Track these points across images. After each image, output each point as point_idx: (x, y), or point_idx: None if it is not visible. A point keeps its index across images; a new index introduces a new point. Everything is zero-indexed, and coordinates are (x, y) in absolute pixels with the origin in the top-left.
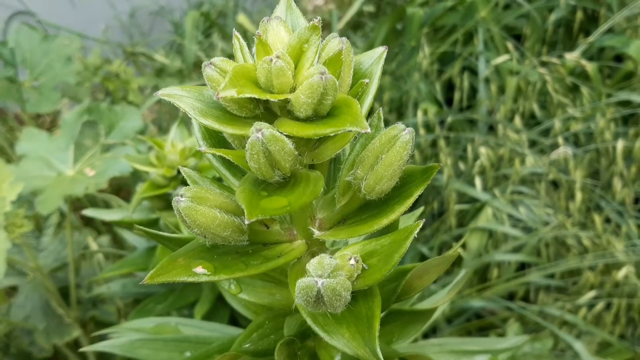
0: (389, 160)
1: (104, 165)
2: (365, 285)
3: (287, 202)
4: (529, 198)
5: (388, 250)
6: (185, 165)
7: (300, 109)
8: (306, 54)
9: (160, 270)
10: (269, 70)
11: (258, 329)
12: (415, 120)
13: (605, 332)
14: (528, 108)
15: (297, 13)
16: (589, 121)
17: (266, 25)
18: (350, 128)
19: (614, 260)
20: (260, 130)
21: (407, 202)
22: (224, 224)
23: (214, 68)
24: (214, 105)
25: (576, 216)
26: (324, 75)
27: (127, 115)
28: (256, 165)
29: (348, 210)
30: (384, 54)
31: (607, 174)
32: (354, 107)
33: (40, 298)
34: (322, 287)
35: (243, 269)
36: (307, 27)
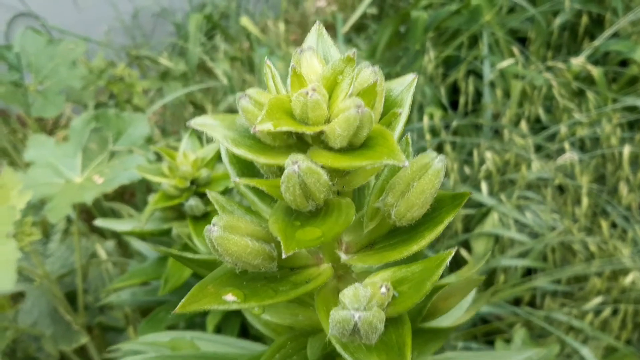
0: (421, 188)
1: (112, 173)
2: (395, 312)
3: (321, 232)
4: (535, 203)
5: (419, 277)
6: (198, 176)
7: (335, 141)
8: (340, 85)
9: (191, 298)
10: (305, 103)
11: (280, 350)
12: (421, 124)
13: (611, 338)
14: (534, 112)
15: (329, 42)
16: (594, 126)
17: (299, 57)
18: (388, 161)
19: (621, 266)
20: (296, 162)
21: (438, 228)
22: (255, 252)
23: (249, 100)
24: (246, 135)
25: (582, 221)
26: (360, 109)
27: (135, 122)
28: (291, 197)
29: (376, 234)
30: (414, 82)
31: (613, 179)
32: (389, 139)
33: (47, 304)
34: (359, 320)
35: (272, 295)
36: (342, 58)
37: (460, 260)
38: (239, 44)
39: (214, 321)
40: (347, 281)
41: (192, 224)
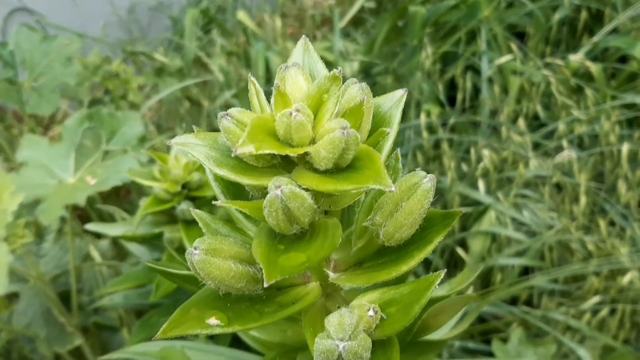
0: (410, 208)
1: (106, 173)
2: (383, 335)
3: (306, 257)
4: (532, 201)
5: (408, 300)
6: (190, 180)
7: (320, 163)
8: (326, 104)
9: (173, 323)
10: (289, 124)
11: None
12: (418, 122)
13: (609, 337)
14: (532, 109)
15: (315, 57)
16: (593, 123)
17: (284, 74)
18: (373, 186)
19: (619, 265)
20: (279, 187)
21: (427, 248)
22: (239, 275)
23: (230, 120)
24: (228, 154)
25: (580, 220)
26: (346, 130)
27: (129, 121)
28: (274, 222)
29: (364, 253)
30: (403, 97)
31: (612, 177)
32: (376, 161)
33: (41, 305)
34: (344, 350)
35: (257, 318)
36: (327, 77)
37: (458, 259)
38: (235, 39)
39: None
40: (335, 300)
41: (184, 229)
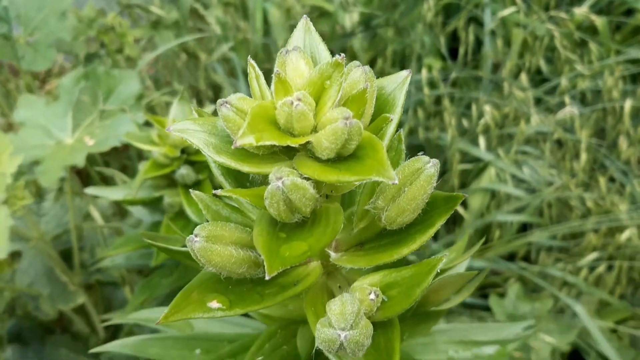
0: (412, 193)
1: (104, 134)
2: (384, 317)
3: (308, 246)
4: (533, 158)
5: (409, 283)
6: (189, 145)
7: (322, 152)
8: (328, 91)
9: (175, 308)
10: (290, 113)
11: (270, 339)
12: (419, 77)
13: (605, 293)
14: (534, 64)
15: (317, 38)
16: (596, 79)
17: (284, 58)
18: (376, 178)
19: (618, 223)
20: (280, 178)
21: (429, 231)
22: (240, 261)
23: (230, 108)
24: (228, 140)
25: (580, 176)
26: (348, 121)
27: (125, 80)
28: (276, 212)
29: (366, 234)
30: (407, 79)
31: (613, 133)
32: (379, 150)
33: (43, 264)
34: (345, 340)
35: (259, 300)
36: (330, 63)
37: (457, 216)
38: None
39: None
40: (336, 279)
41: (184, 193)
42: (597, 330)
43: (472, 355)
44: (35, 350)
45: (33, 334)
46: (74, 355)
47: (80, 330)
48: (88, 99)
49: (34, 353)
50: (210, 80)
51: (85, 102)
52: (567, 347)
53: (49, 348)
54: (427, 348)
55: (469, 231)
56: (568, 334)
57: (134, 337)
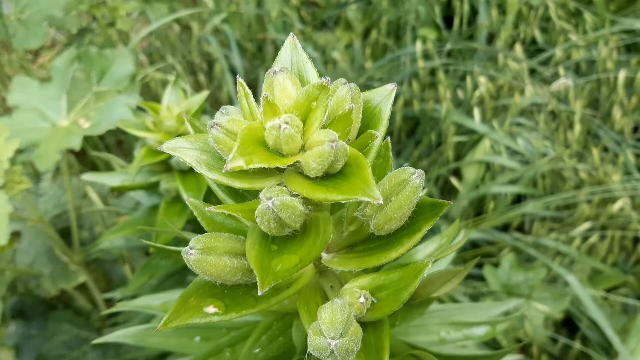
0: (399, 203)
1: (99, 116)
2: (374, 317)
3: (299, 259)
4: (527, 130)
5: (397, 286)
6: (184, 131)
7: (310, 171)
8: (315, 113)
9: (174, 315)
10: (278, 136)
11: (267, 331)
12: (414, 48)
13: (597, 261)
14: (529, 34)
15: (304, 56)
16: (591, 49)
17: (272, 79)
18: (362, 198)
19: (610, 194)
20: (270, 198)
21: (416, 236)
22: (234, 270)
23: (219, 129)
24: (219, 157)
25: (574, 147)
26: (334, 144)
27: (118, 60)
28: (267, 228)
29: (356, 238)
30: (393, 92)
31: (607, 104)
32: (364, 170)
33: (43, 244)
34: (335, 348)
35: (253, 304)
36: (315, 85)
37: (452, 189)
38: None
39: None
40: (328, 277)
41: (180, 178)
42: (588, 298)
43: (463, 336)
44: (38, 325)
45: (35, 310)
46: (76, 329)
47: (82, 306)
48: (81, 81)
49: (36, 328)
50: (203, 51)
51: (79, 83)
52: (560, 315)
53: (52, 323)
54: (419, 330)
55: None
56: (561, 302)
57: (135, 327)
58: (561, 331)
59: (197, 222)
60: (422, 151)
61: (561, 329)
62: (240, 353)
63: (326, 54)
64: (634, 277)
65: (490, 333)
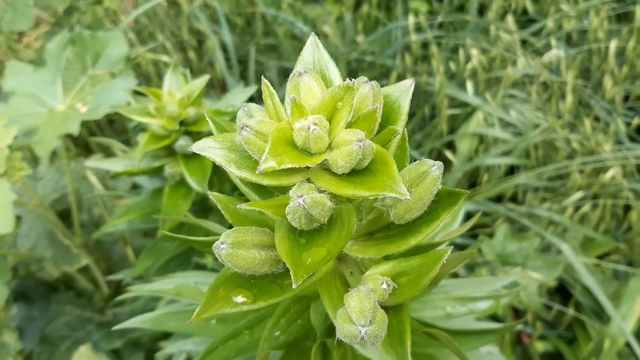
0: (419, 194)
1: (96, 100)
2: (395, 302)
3: (327, 251)
4: (519, 101)
5: (417, 272)
6: (186, 116)
7: (337, 169)
8: (340, 112)
9: (205, 306)
10: (307, 137)
11: (285, 314)
12: (406, 22)
13: (589, 230)
14: (521, 4)
15: (326, 56)
16: (582, 19)
17: (298, 80)
18: (390, 194)
19: (602, 164)
20: (301, 196)
21: (434, 224)
22: (263, 261)
23: (250, 131)
24: (247, 155)
25: (566, 117)
26: (362, 143)
27: (112, 42)
28: (297, 224)
29: (375, 226)
30: (411, 86)
31: (598, 73)
32: (390, 166)
33: (44, 227)
34: (366, 335)
35: (279, 293)
36: (341, 87)
37: (446, 161)
38: None
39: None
40: (347, 264)
41: (184, 163)
42: (581, 265)
43: (468, 310)
44: (41, 307)
45: (37, 292)
46: (79, 310)
47: (84, 287)
48: (76, 65)
49: (39, 310)
50: (192, 29)
51: (74, 67)
52: (553, 283)
53: (54, 305)
54: (425, 305)
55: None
56: (554, 270)
57: (153, 312)
58: (554, 298)
59: (202, 204)
60: (415, 124)
61: (555, 296)
62: (257, 335)
63: (317, 27)
64: (625, 244)
65: (494, 307)
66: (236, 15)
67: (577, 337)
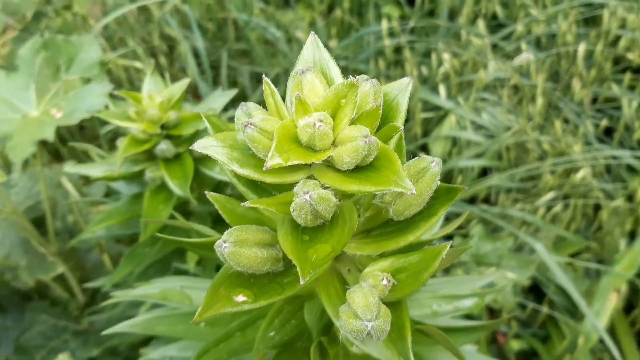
0: (419, 190)
1: (70, 106)
2: (394, 298)
3: (331, 247)
4: (491, 104)
5: (417, 268)
6: (167, 120)
7: (342, 165)
8: (344, 109)
9: (207, 305)
10: (313, 134)
11: (278, 314)
12: (379, 27)
13: (561, 229)
14: (490, 9)
15: (326, 54)
16: (551, 23)
17: (301, 78)
18: (396, 189)
19: (573, 165)
20: (307, 192)
21: (432, 219)
22: (264, 260)
23: (254, 129)
24: (249, 153)
25: (537, 120)
26: (368, 139)
27: (85, 47)
28: (302, 220)
29: (372, 223)
30: (409, 85)
31: (567, 76)
32: (394, 162)
33: (17, 235)
34: (372, 329)
35: (280, 291)
36: (344, 84)
37: None
38: None
39: (195, 258)
40: (344, 261)
41: (165, 167)
42: (554, 264)
43: (453, 308)
44: (14, 317)
45: (11, 301)
46: (54, 319)
47: (58, 296)
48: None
49: (12, 320)
50: (163, 34)
51: (47, 72)
52: (527, 282)
53: (29, 314)
54: (413, 304)
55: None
56: (528, 269)
57: (142, 316)
58: (528, 297)
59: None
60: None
61: (528, 295)
62: (250, 336)
63: (289, 32)
64: (596, 242)
65: (479, 304)
66: (207, 20)
67: (551, 335)
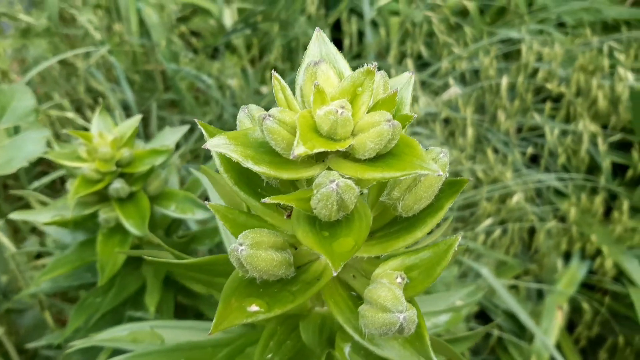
0: (429, 182)
1: (8, 155)
2: (407, 296)
3: (354, 241)
4: (425, 137)
5: (429, 263)
6: (120, 157)
7: (363, 153)
8: (361, 97)
9: (220, 318)
10: (335, 120)
11: (272, 337)
12: None
13: (501, 254)
14: (416, 50)
15: (332, 48)
16: (473, 60)
17: (315, 69)
18: (422, 172)
19: (507, 190)
20: (334, 181)
21: (439, 214)
22: (279, 263)
23: (273, 120)
24: (262, 150)
25: (469, 150)
26: (391, 122)
27: (18, 95)
28: (327, 213)
29: (376, 224)
30: (412, 79)
31: (492, 108)
32: (415, 147)
33: None
34: (405, 320)
35: (291, 299)
36: (361, 71)
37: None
38: None
39: (154, 301)
40: (347, 268)
41: (119, 207)
42: (501, 287)
43: (431, 324)
44: None
45: None
46: None
47: None
48: None
49: None
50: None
51: None
52: (474, 308)
53: None
54: None
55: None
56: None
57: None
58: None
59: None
60: None
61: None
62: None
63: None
64: (535, 264)
65: (455, 318)
66: (134, 72)
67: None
